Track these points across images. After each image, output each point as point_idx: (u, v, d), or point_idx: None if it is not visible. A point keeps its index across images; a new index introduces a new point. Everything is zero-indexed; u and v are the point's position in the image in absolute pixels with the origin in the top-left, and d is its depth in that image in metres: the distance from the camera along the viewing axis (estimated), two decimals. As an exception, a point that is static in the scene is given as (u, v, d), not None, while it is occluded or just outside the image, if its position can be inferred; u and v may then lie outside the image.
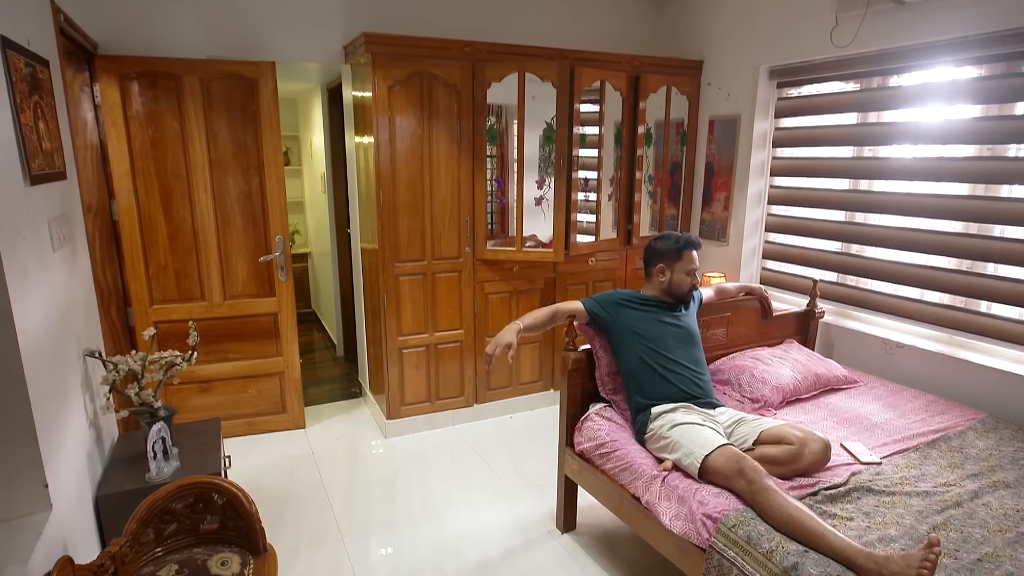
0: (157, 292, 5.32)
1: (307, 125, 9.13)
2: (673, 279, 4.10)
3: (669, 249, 4.10)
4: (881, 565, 2.58)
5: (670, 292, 4.13)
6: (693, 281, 4.13)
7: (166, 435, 3.74)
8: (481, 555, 4.24)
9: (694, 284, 4.16)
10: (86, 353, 3.72)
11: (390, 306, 5.61)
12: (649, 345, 3.99)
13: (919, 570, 2.48)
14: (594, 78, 5.76)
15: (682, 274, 4.08)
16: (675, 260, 4.09)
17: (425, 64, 5.33)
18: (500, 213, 6.16)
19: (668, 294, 4.14)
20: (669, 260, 4.10)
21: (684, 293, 4.12)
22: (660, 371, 3.94)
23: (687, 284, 4.10)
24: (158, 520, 2.91)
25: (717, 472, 3.29)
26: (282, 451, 5.64)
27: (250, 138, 5.38)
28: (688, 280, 4.10)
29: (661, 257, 4.13)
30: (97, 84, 4.88)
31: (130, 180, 5.09)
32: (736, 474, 3.18)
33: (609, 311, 4.12)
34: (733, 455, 3.28)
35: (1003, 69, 4.29)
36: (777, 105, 5.87)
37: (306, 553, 4.25)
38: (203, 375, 5.59)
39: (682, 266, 4.08)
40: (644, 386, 3.95)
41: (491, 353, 3.92)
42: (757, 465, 3.17)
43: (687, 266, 4.08)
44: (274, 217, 5.55)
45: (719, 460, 3.30)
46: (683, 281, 4.09)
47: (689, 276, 4.10)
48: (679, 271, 4.08)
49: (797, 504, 2.95)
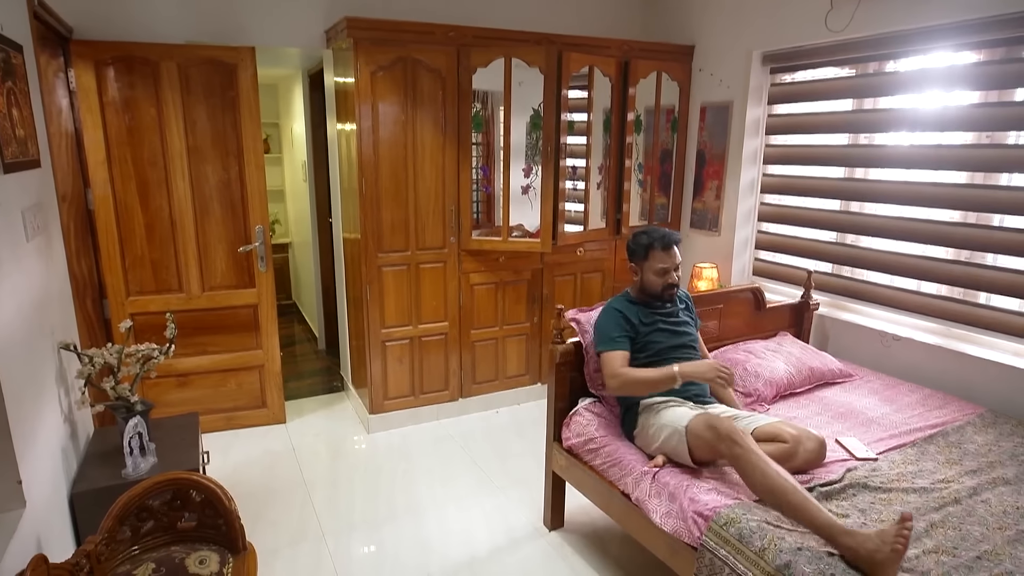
0: (134, 283, 5.29)
1: (288, 112, 9.10)
2: (644, 279, 4.01)
3: (639, 248, 4.01)
4: (860, 543, 2.66)
5: (644, 292, 4.05)
6: (666, 280, 3.97)
7: (143, 430, 3.72)
8: (467, 554, 4.22)
9: (668, 283, 3.98)
10: (61, 346, 3.70)
11: (373, 298, 5.58)
12: (639, 345, 3.96)
13: (893, 545, 2.58)
14: (582, 64, 5.73)
15: (650, 274, 3.97)
16: (643, 260, 4.00)
17: (409, 49, 5.29)
18: (486, 202, 6.15)
19: (644, 293, 4.06)
20: (638, 259, 4.02)
21: (658, 293, 3.99)
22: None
23: (658, 284, 3.96)
24: (135, 517, 2.90)
25: (699, 439, 3.37)
26: (262, 446, 5.61)
27: (229, 125, 5.35)
28: (659, 280, 3.96)
29: (633, 256, 4.07)
30: (72, 70, 4.84)
31: (106, 168, 5.05)
32: (715, 438, 3.25)
33: (628, 331, 3.99)
34: (708, 418, 3.37)
35: (1003, 54, 4.27)
36: (770, 91, 5.85)
37: (287, 551, 4.23)
38: (181, 369, 5.55)
39: (650, 266, 3.96)
40: None
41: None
42: (734, 427, 3.22)
43: (655, 265, 3.94)
44: (254, 206, 5.52)
45: (698, 426, 3.39)
46: (653, 282, 3.97)
47: (659, 276, 3.95)
48: (648, 271, 3.98)
49: (782, 476, 3.01)
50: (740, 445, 3.13)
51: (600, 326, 4.01)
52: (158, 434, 4.08)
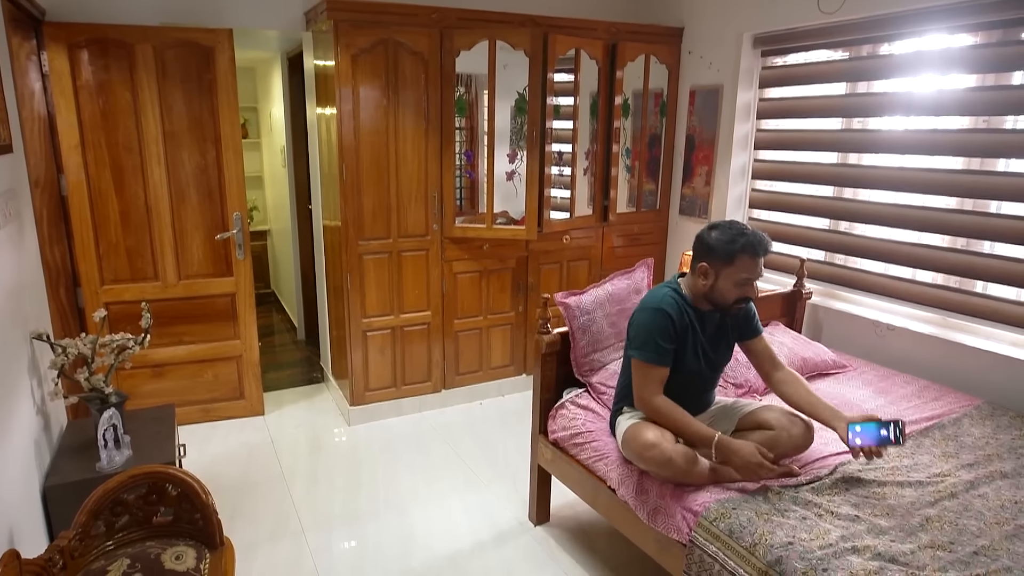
0: (108, 272, 5.27)
1: (266, 96, 9.07)
2: (717, 285, 3.34)
3: (724, 247, 3.30)
4: (725, 454, 3.14)
5: (709, 299, 3.43)
6: (745, 293, 3.35)
7: (117, 422, 3.71)
8: (449, 549, 4.21)
9: (745, 296, 3.37)
10: (33, 336, 3.70)
11: (353, 286, 5.56)
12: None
13: (756, 470, 3.05)
14: (569, 46, 5.70)
15: (729, 283, 3.31)
16: (726, 263, 3.29)
17: (391, 31, 5.27)
18: (470, 188, 6.14)
19: (707, 300, 3.44)
20: (718, 261, 3.32)
21: (727, 306, 3.39)
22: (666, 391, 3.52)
23: (733, 296, 3.35)
24: (109, 512, 2.90)
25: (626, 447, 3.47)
26: (240, 439, 5.59)
27: (206, 109, 5.33)
28: (735, 292, 3.33)
29: (710, 255, 3.36)
30: (45, 53, 4.80)
31: (80, 154, 5.02)
32: (637, 460, 3.39)
33: (675, 343, 3.44)
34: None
35: (1000, 37, 4.27)
36: (761, 74, 5.84)
37: (265, 547, 4.22)
38: (156, 359, 5.52)
39: (731, 273, 3.30)
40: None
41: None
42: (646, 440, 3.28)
43: (739, 275, 3.29)
44: (231, 193, 5.49)
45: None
46: (728, 292, 3.34)
47: (739, 288, 3.32)
48: (726, 278, 3.31)
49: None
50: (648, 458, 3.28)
51: (646, 325, 3.44)
52: (133, 426, 4.05)
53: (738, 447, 3.16)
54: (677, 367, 3.45)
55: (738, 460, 3.14)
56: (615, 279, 4.37)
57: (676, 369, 3.45)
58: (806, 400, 3.41)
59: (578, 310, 4.14)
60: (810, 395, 3.43)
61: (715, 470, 3.22)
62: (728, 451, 3.17)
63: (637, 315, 3.54)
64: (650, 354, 3.39)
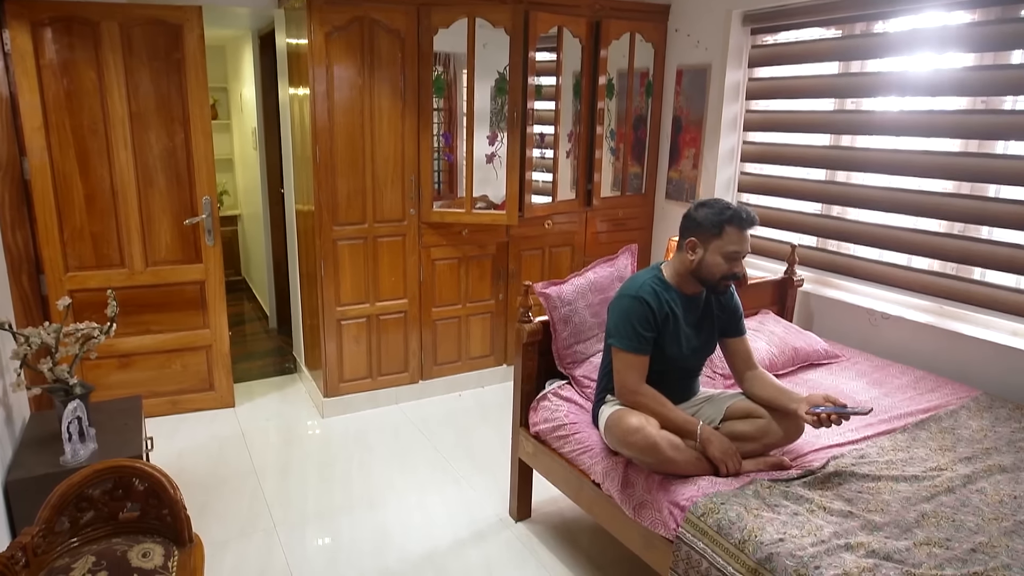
0: (73, 258, 5.23)
1: (237, 76, 9.01)
2: (705, 259, 3.40)
3: (710, 220, 3.37)
4: (706, 441, 3.25)
5: (697, 275, 3.48)
6: (732, 268, 3.41)
7: (82, 414, 3.70)
8: (427, 546, 4.21)
9: (733, 273, 3.43)
10: (-6, 324, 3.71)
11: (327, 273, 5.54)
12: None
13: (723, 460, 3.20)
14: (551, 24, 5.68)
15: (717, 256, 3.37)
16: (713, 236, 3.36)
17: (366, 8, 5.24)
18: (448, 171, 6.12)
19: (694, 276, 3.49)
20: (705, 234, 3.39)
21: (714, 282, 3.44)
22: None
23: (721, 270, 3.40)
24: (73, 508, 2.89)
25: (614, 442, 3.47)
26: (209, 432, 5.58)
27: (174, 89, 5.29)
28: (724, 266, 3.39)
29: (697, 229, 3.42)
30: (7, 31, 4.76)
31: (43, 136, 4.98)
32: (621, 446, 3.40)
33: (654, 329, 3.50)
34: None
35: (998, 14, 4.26)
36: (751, 53, 5.83)
37: (236, 544, 4.21)
38: (123, 349, 5.49)
39: (720, 246, 3.36)
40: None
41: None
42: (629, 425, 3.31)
43: (727, 247, 3.35)
44: (200, 176, 5.47)
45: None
46: (717, 266, 3.39)
47: (727, 260, 3.38)
48: (714, 251, 3.37)
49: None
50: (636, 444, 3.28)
51: (624, 313, 3.51)
52: (99, 418, 4.05)
53: (718, 443, 3.27)
54: (659, 354, 3.51)
55: (714, 449, 3.25)
56: (597, 267, 4.35)
57: (658, 357, 3.51)
58: (771, 393, 3.45)
59: (559, 300, 4.10)
60: (775, 386, 3.48)
61: (700, 458, 3.27)
62: (708, 443, 3.27)
63: (615, 302, 3.61)
64: (629, 342, 3.46)
